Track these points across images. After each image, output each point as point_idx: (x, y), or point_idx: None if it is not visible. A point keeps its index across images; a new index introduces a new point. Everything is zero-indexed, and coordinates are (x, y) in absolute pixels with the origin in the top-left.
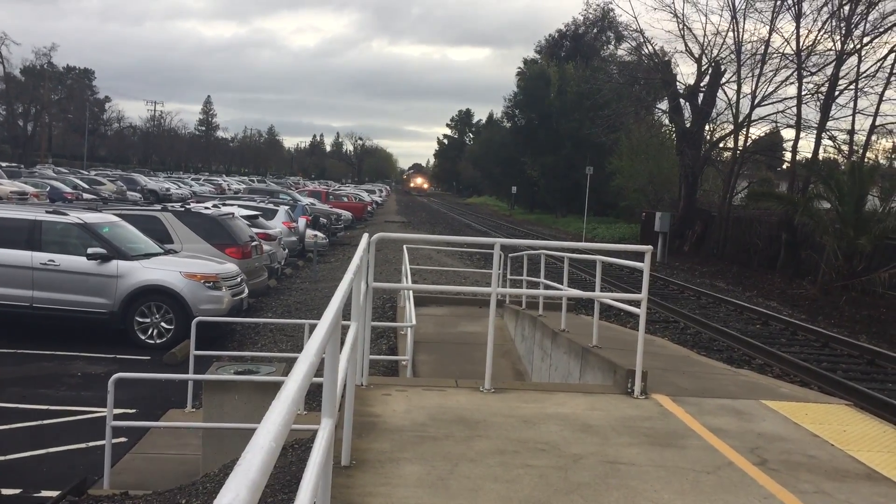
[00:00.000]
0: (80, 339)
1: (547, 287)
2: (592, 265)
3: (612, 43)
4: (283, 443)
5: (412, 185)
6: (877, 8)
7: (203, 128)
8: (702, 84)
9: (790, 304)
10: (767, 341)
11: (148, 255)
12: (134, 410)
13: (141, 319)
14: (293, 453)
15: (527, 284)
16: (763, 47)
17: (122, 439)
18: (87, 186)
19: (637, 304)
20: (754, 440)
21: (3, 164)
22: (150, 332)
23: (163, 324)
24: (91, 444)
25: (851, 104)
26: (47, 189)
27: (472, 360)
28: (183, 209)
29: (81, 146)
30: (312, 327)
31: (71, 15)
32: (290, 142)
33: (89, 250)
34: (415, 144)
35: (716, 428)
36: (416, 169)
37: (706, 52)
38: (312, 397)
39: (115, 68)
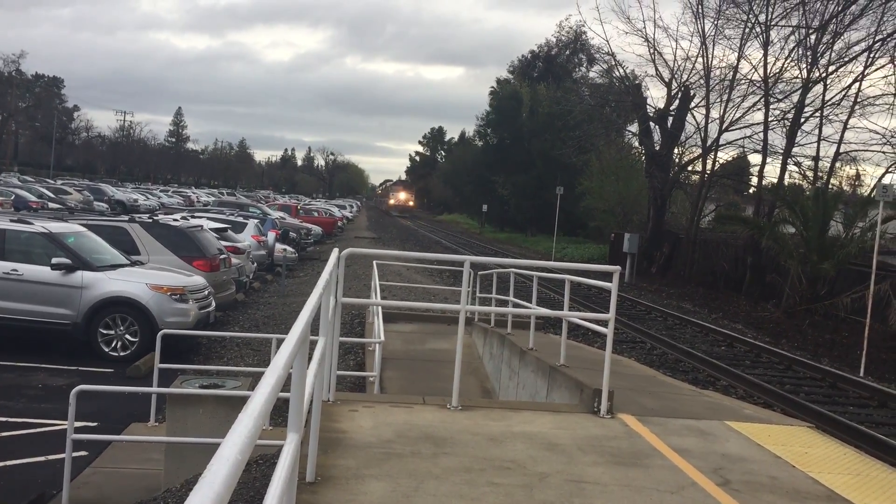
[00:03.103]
0: (42, 351)
1: (516, 305)
2: (561, 284)
3: (584, 65)
4: (249, 457)
5: (393, 202)
6: (842, 38)
7: (173, 139)
8: (671, 108)
9: (755, 327)
10: (732, 363)
11: (114, 266)
12: (95, 424)
13: (105, 331)
14: (257, 469)
15: (496, 302)
16: (731, 73)
17: (83, 453)
18: (52, 196)
19: (605, 323)
20: (718, 461)
21: None
22: (114, 345)
23: (127, 336)
24: (50, 457)
25: (816, 131)
26: (12, 197)
27: (439, 377)
28: (151, 220)
29: (48, 155)
30: (280, 342)
31: (42, 23)
32: (261, 155)
33: (53, 260)
34: (386, 161)
35: (680, 448)
36: (398, 182)
37: (676, 76)
38: (277, 413)
39: (85, 77)
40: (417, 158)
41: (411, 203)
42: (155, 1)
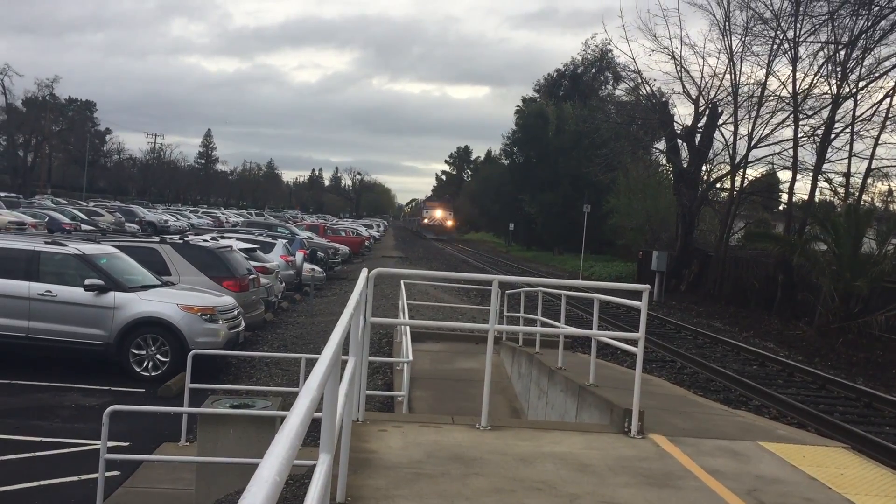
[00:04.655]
0: (75, 371)
1: (544, 325)
2: (590, 303)
3: (610, 83)
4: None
5: (427, 221)
6: (872, 53)
7: (202, 160)
8: (699, 125)
9: (787, 346)
10: (764, 382)
11: (145, 287)
12: (127, 443)
13: (137, 351)
14: (287, 489)
15: (524, 321)
16: (760, 90)
17: (115, 473)
18: (85, 217)
19: (634, 342)
20: (752, 482)
21: (3, 195)
22: (145, 365)
23: (158, 356)
24: (84, 476)
25: (847, 147)
26: (46, 219)
27: (468, 396)
28: (181, 241)
29: (81, 177)
30: (309, 361)
31: (75, 48)
32: (288, 176)
33: (87, 281)
34: (413, 180)
35: (713, 469)
36: (432, 198)
37: (703, 93)
38: (307, 432)
39: (116, 101)
40: (444, 178)
41: (450, 222)
42: (185, 26)
